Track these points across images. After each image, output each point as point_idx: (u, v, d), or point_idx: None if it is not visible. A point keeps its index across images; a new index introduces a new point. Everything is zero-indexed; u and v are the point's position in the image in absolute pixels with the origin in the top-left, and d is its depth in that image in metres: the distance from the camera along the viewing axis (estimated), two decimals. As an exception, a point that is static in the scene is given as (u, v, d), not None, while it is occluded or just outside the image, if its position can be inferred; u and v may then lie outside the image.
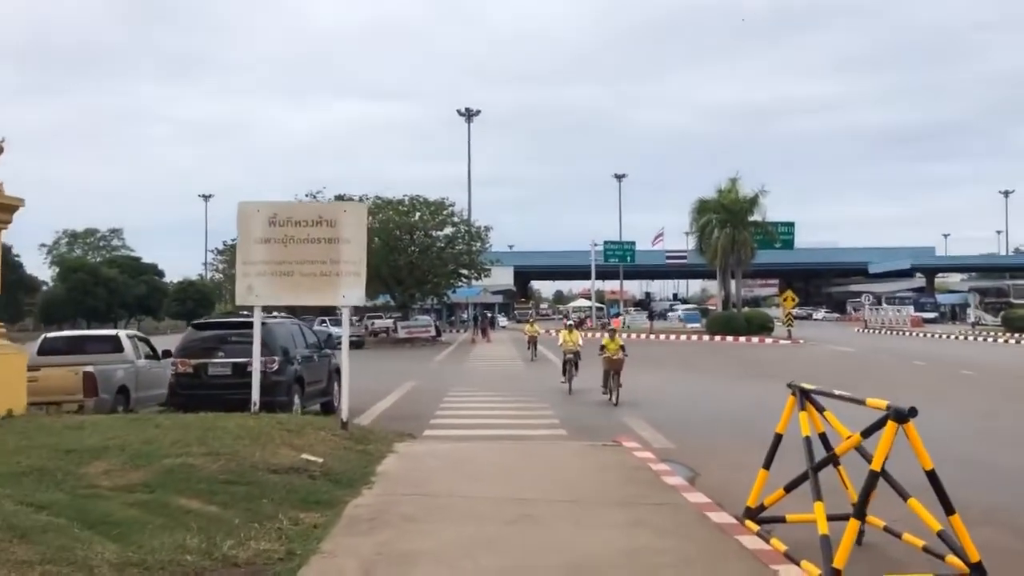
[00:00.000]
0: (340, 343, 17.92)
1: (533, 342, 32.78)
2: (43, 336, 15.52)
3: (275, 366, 13.52)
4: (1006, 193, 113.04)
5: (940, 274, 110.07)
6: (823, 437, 6.65)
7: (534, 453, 10.38)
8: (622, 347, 17.57)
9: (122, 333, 15.19)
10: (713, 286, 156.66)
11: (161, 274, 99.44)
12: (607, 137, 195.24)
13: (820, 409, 6.66)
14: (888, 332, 52.08)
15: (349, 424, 10.69)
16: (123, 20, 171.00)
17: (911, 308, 61.43)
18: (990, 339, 42.64)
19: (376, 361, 34.28)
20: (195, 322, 15.11)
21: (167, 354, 15.03)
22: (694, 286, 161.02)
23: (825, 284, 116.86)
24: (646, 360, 31.11)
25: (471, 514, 6.92)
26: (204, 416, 10.35)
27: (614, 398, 17.02)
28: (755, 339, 43.15)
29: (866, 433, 5.70)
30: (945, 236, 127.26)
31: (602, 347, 17.66)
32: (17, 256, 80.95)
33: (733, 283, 53.60)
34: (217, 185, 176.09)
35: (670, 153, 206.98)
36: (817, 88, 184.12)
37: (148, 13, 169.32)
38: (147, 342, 15.84)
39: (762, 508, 6.78)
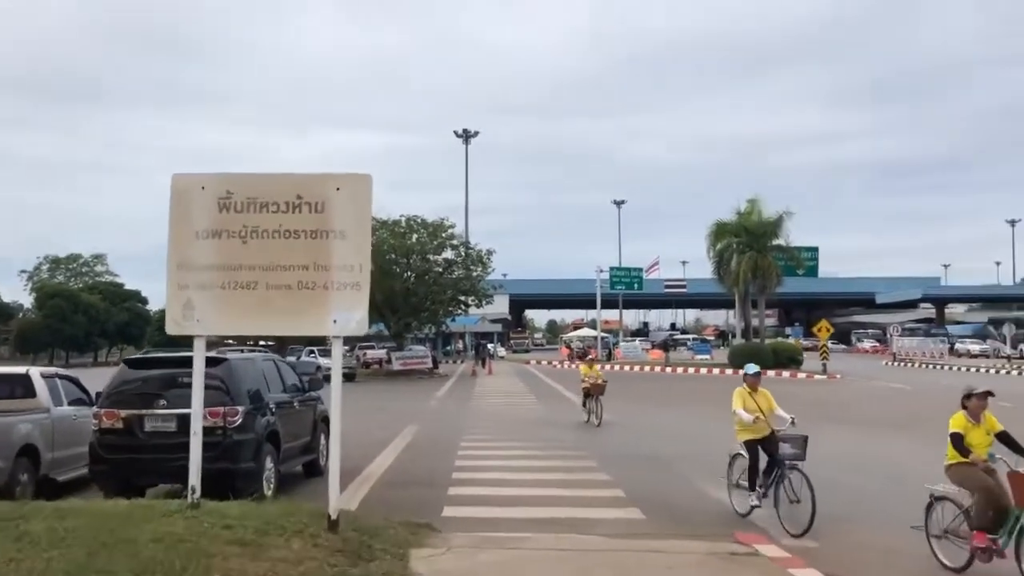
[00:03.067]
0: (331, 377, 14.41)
1: (597, 394, 19.23)
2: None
3: (237, 420, 9.73)
4: (1012, 223, 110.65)
5: (949, 305, 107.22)
6: None
7: (633, 570, 6.58)
8: None
9: (35, 371, 11.33)
10: (708, 316, 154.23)
11: (145, 301, 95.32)
12: (599, 167, 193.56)
13: None
14: (922, 365, 48.42)
15: (340, 520, 6.85)
16: (117, 51, 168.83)
17: (944, 339, 58.02)
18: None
19: (369, 397, 30.38)
20: (129, 358, 11.22)
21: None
22: (689, 316, 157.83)
23: (827, 314, 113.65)
24: (682, 399, 27.37)
25: None
26: (106, 511, 6.52)
27: None
28: (785, 373, 39.37)
29: None
30: (945, 267, 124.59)
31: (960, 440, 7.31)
32: (-8, 281, 77.48)
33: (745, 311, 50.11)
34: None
35: (661, 184, 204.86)
36: (808, 121, 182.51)
37: (143, 44, 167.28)
38: (75, 383, 12.01)
39: None
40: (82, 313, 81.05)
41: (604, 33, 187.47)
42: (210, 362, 10.17)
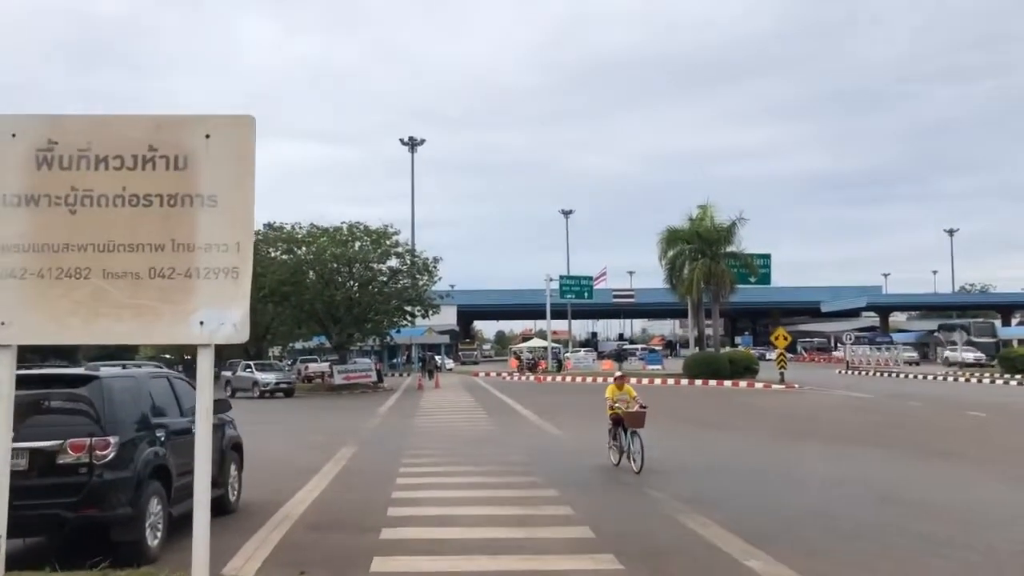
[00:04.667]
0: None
1: (633, 425, 13.57)
2: None
3: (110, 454, 7.67)
4: (951, 232, 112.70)
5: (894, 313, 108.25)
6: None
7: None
8: None
9: None
10: (655, 326, 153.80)
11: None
12: (545, 181, 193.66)
13: None
14: (877, 373, 47.66)
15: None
16: (52, 59, 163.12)
17: (900, 348, 57.57)
18: (995, 381, 38.35)
19: (306, 414, 28.21)
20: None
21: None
22: (636, 326, 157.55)
23: (773, 323, 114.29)
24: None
25: None
26: None
27: None
28: (742, 383, 38.05)
29: None
30: (885, 276, 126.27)
31: None
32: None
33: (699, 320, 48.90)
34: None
35: (605, 197, 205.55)
36: (748, 134, 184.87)
37: (78, 53, 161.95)
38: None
39: None
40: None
41: (549, 48, 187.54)
42: (75, 381, 8.19)
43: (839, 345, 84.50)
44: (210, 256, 4.61)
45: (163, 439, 8.60)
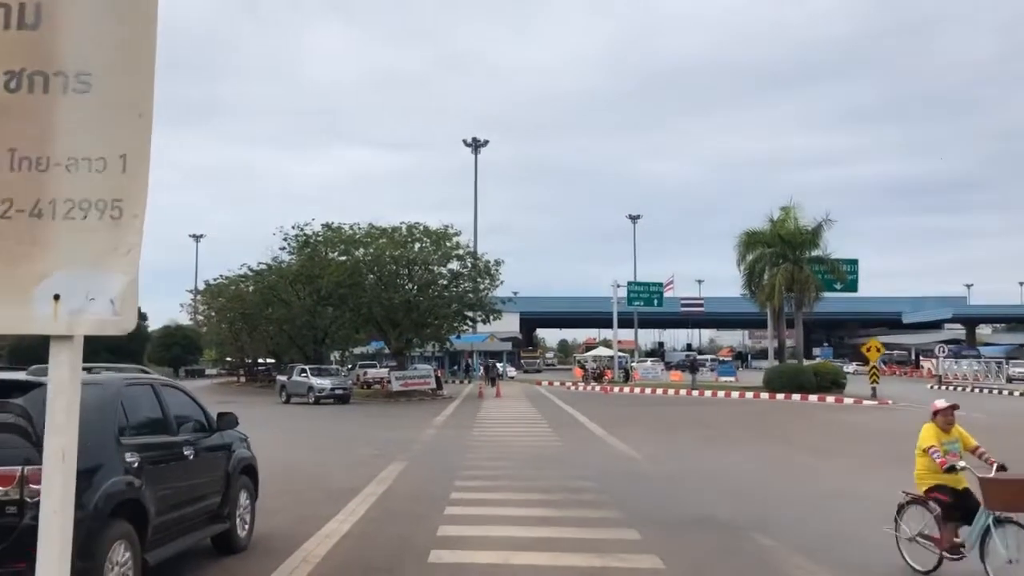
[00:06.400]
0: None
1: (1001, 507, 6.83)
2: None
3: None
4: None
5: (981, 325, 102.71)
6: None
7: None
8: None
9: None
10: (723, 337, 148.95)
11: (143, 317, 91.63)
12: (611, 188, 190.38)
13: None
14: (975, 389, 43.95)
15: None
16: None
17: (1004, 362, 53.45)
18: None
19: (358, 422, 26.47)
20: None
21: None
22: (704, 337, 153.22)
23: (849, 335, 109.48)
24: (733, 431, 23.15)
25: None
26: None
27: None
28: (829, 398, 35.01)
29: None
30: (968, 286, 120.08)
31: None
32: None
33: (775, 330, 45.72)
34: (211, 230, 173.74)
35: (672, 205, 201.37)
36: (821, 141, 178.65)
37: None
38: None
39: None
40: (74, 329, 77.57)
41: (617, 55, 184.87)
42: (9, 390, 6.26)
43: (921, 358, 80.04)
44: (75, 179, 2.54)
45: (137, 464, 6.65)
